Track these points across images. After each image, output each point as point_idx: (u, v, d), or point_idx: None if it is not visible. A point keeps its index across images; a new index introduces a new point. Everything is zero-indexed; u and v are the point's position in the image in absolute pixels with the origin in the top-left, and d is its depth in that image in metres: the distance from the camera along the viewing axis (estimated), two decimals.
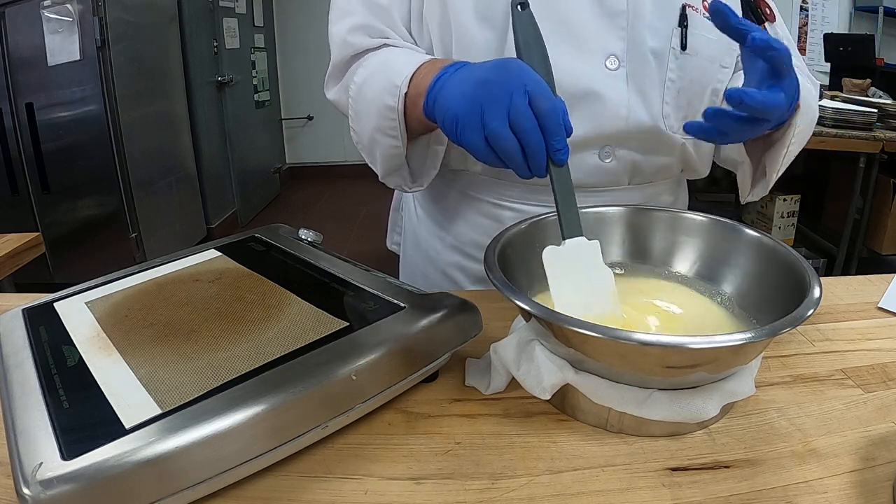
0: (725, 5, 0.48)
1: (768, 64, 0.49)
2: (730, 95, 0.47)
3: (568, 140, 0.49)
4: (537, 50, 0.51)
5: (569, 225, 0.50)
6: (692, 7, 0.65)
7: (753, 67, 0.52)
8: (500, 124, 0.47)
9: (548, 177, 0.49)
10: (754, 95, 0.47)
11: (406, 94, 0.59)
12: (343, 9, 0.68)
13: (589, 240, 0.50)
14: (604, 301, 0.50)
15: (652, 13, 0.64)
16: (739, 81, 0.75)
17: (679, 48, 0.65)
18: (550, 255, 0.49)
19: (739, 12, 0.70)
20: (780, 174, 0.67)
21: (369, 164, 0.70)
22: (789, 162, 0.66)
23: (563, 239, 0.50)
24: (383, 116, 0.61)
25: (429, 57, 0.62)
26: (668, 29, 0.64)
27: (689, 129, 0.52)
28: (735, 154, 0.70)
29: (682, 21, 0.64)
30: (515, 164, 0.48)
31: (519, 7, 0.51)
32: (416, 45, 0.68)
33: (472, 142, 0.49)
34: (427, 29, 0.66)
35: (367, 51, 0.66)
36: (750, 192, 0.72)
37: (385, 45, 0.66)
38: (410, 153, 0.66)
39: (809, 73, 0.74)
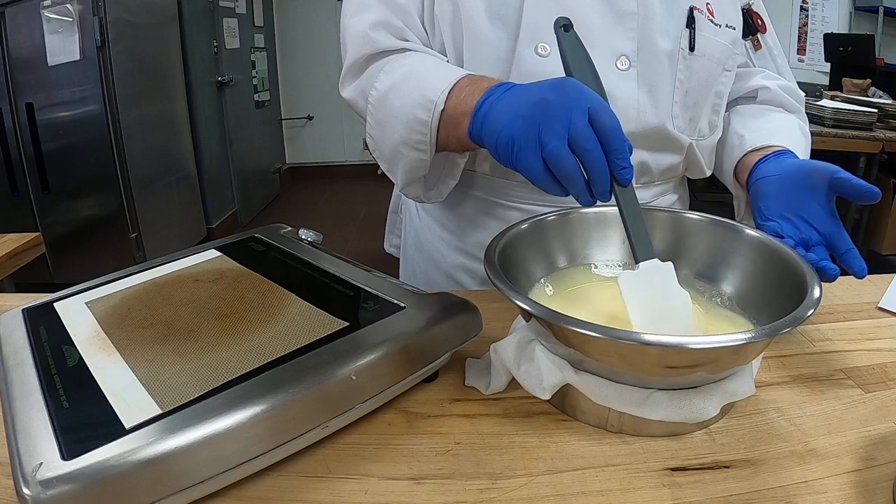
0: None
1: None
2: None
3: None
4: (589, 70, 0.50)
5: (641, 247, 0.48)
6: (698, 9, 0.65)
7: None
8: (559, 144, 0.45)
9: (614, 199, 0.47)
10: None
11: (442, 110, 0.57)
12: (359, 3, 0.66)
13: (662, 261, 0.48)
14: (682, 323, 0.48)
15: (661, 14, 0.64)
16: (740, 83, 0.76)
17: (688, 49, 0.65)
18: (627, 280, 0.48)
19: (740, 18, 0.72)
20: None
21: (387, 173, 0.69)
22: None
23: (637, 262, 0.48)
24: (412, 130, 0.60)
25: (464, 72, 0.59)
26: (678, 30, 0.65)
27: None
28: (731, 188, 0.74)
29: (690, 22, 0.65)
30: (576, 188, 0.46)
31: (563, 29, 0.50)
32: (432, 46, 0.67)
33: (530, 164, 0.47)
34: (438, 27, 0.66)
35: (388, 52, 0.65)
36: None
37: (406, 48, 0.65)
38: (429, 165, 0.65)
39: (796, 87, 0.78)
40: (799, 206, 0.58)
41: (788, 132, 0.71)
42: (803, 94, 0.79)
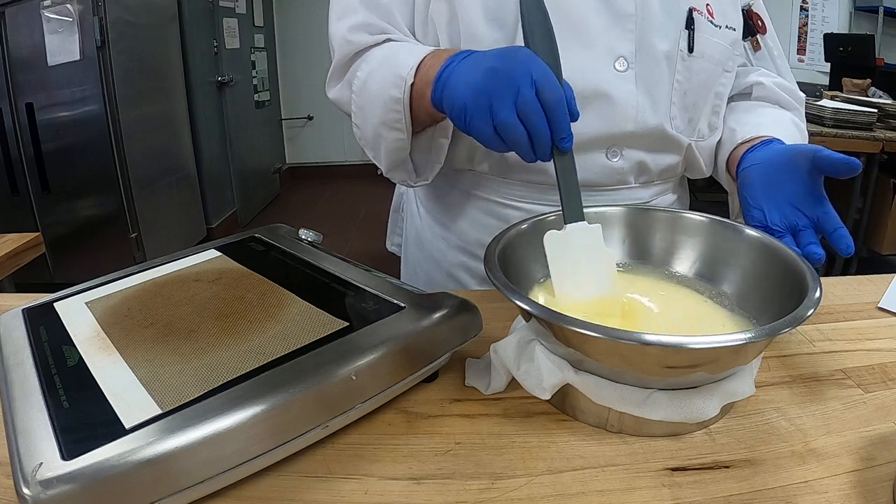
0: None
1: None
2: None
3: (575, 139, 0.49)
4: (543, 34, 0.51)
5: (571, 210, 0.50)
6: (697, 10, 0.65)
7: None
8: (508, 114, 0.48)
9: (552, 164, 0.50)
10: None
11: (412, 84, 0.59)
12: (344, 7, 0.68)
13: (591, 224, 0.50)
14: (604, 284, 0.50)
15: (660, 15, 0.64)
16: (736, 80, 0.76)
17: (686, 50, 0.65)
18: (552, 240, 0.50)
19: (740, 19, 0.72)
20: None
21: (372, 159, 0.70)
22: None
23: (566, 223, 0.50)
24: (389, 109, 0.61)
25: (433, 48, 0.62)
26: (676, 31, 0.65)
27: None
28: (723, 183, 0.74)
29: (689, 24, 0.65)
30: (522, 151, 0.49)
31: None
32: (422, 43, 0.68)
33: (481, 131, 0.50)
34: (434, 29, 0.66)
35: (369, 47, 0.66)
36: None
37: (387, 40, 0.66)
38: (414, 147, 0.66)
39: (797, 87, 0.77)
40: (784, 191, 0.59)
41: (780, 125, 0.71)
42: (803, 95, 0.79)
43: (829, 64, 3.30)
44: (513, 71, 0.48)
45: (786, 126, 0.71)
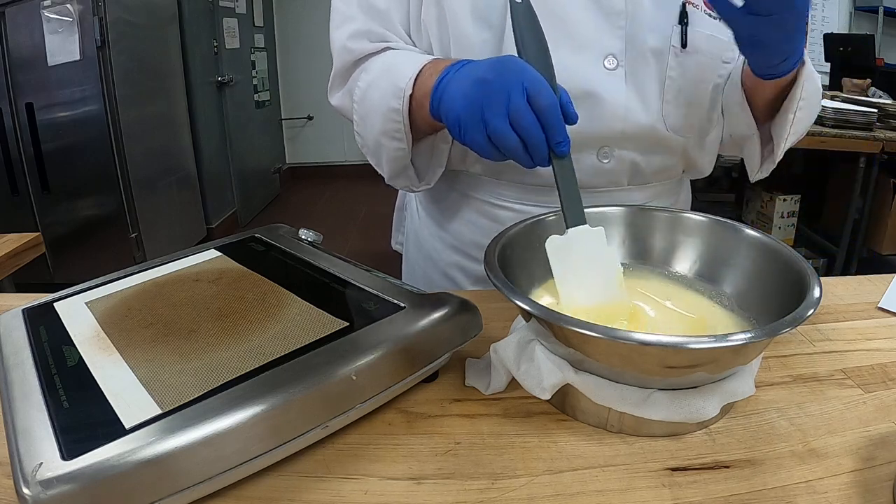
0: None
1: None
2: None
3: None
4: (535, 43, 0.51)
5: (572, 214, 0.50)
6: (692, 4, 0.64)
7: None
8: (500, 123, 0.48)
9: (551, 168, 0.50)
10: None
11: (411, 95, 0.59)
12: (343, 14, 0.68)
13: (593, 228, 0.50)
14: (610, 288, 0.50)
15: (651, 11, 0.63)
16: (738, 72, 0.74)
17: (679, 46, 0.64)
18: (554, 245, 0.49)
19: None
20: (787, 146, 0.67)
21: (375, 168, 0.70)
22: (797, 136, 0.66)
23: (567, 228, 0.50)
24: (388, 119, 0.61)
25: (431, 57, 0.62)
26: (668, 27, 0.64)
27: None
28: (744, 127, 0.68)
29: (683, 18, 0.64)
30: (519, 158, 0.49)
31: None
32: (416, 47, 0.68)
33: (476, 141, 0.50)
34: (426, 31, 0.66)
35: (369, 55, 0.66)
36: (759, 169, 0.71)
37: (387, 48, 0.66)
38: (415, 153, 0.67)
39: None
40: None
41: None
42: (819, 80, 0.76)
43: (829, 64, 3.30)
44: (503, 81, 0.48)
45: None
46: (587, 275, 0.49)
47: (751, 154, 0.70)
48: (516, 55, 0.51)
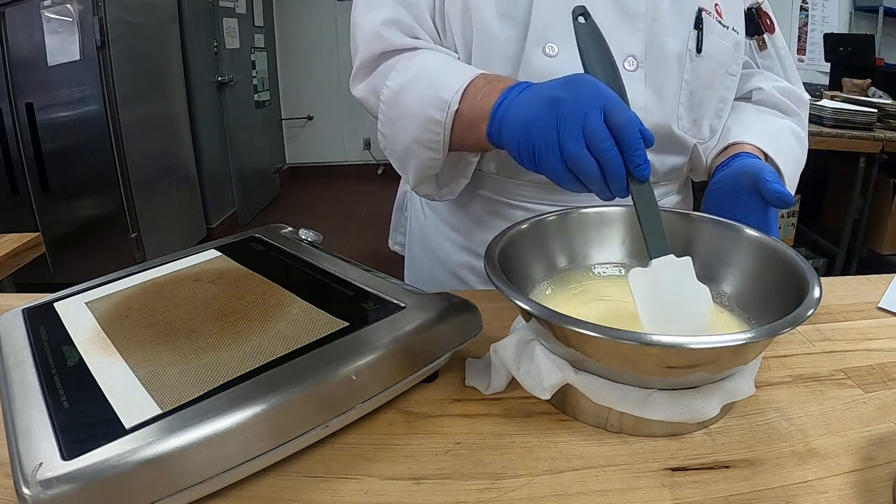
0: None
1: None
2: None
3: None
4: (605, 61, 0.49)
5: (655, 244, 0.47)
6: (706, 10, 0.65)
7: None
8: (577, 147, 0.45)
9: (629, 195, 0.47)
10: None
11: (457, 110, 0.57)
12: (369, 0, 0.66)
13: (677, 256, 0.47)
14: (699, 321, 0.46)
15: (670, 15, 0.64)
16: (739, 85, 0.76)
17: (695, 50, 0.65)
18: (637, 278, 0.47)
19: (743, 21, 0.71)
20: None
21: (398, 171, 0.69)
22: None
23: (651, 258, 0.47)
24: (425, 129, 0.60)
25: (478, 71, 0.59)
26: (686, 31, 0.65)
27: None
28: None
29: (698, 23, 0.65)
30: (596, 186, 0.47)
31: (581, 18, 0.50)
32: (444, 45, 0.67)
33: (552, 167, 0.47)
34: (449, 25, 0.65)
35: (399, 51, 0.65)
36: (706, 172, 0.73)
37: (417, 47, 0.65)
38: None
39: (803, 89, 0.77)
40: (732, 208, 0.59)
41: (769, 131, 0.70)
42: (808, 97, 0.78)
43: (829, 64, 3.30)
44: (578, 99, 0.45)
45: (776, 133, 0.70)
46: (674, 308, 0.46)
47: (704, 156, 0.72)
48: (583, 72, 0.49)
